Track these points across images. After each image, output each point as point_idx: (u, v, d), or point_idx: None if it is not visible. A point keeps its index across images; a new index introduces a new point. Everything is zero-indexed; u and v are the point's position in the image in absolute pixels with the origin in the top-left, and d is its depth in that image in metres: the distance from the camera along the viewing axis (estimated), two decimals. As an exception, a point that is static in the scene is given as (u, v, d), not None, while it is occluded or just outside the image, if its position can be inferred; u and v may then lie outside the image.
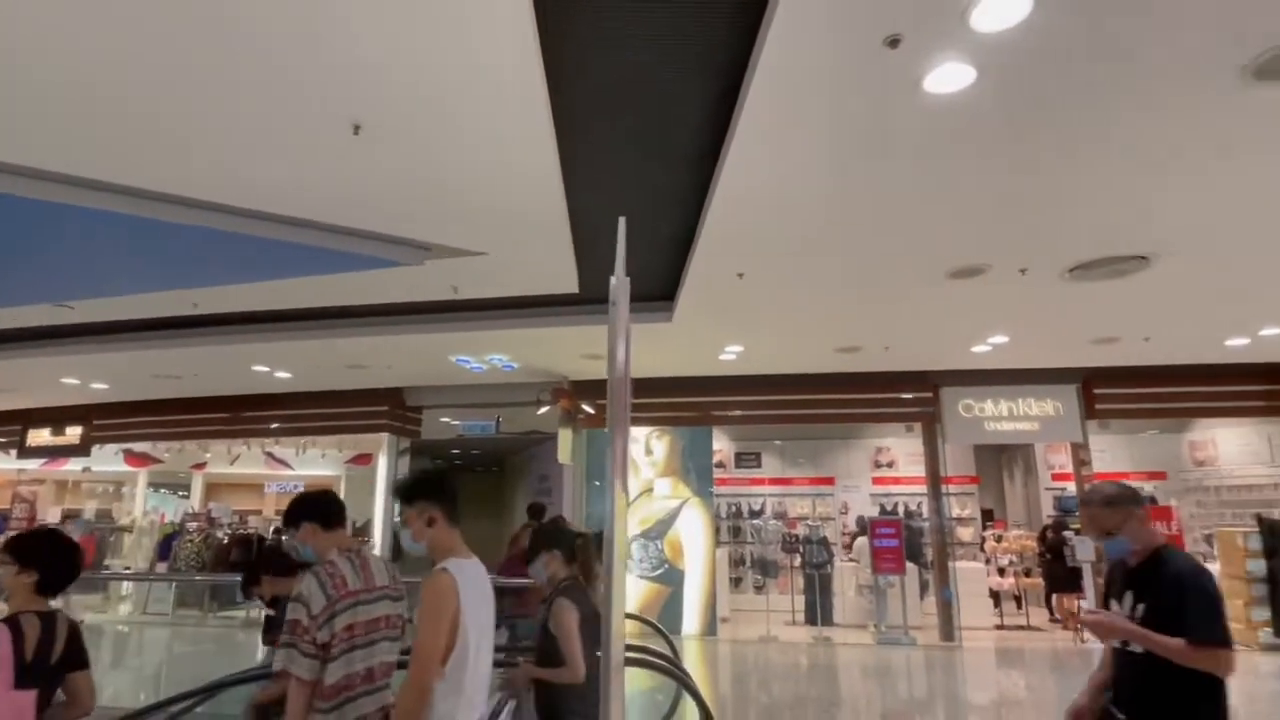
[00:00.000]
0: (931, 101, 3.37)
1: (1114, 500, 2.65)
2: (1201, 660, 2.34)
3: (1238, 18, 2.85)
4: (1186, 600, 2.39)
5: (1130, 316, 6.95)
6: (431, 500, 2.36)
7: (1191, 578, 2.44)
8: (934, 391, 9.60)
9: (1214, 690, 2.38)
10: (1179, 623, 2.37)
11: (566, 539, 3.16)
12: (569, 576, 3.04)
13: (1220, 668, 2.34)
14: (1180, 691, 2.39)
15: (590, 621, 2.89)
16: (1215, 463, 11.61)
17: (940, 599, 9.41)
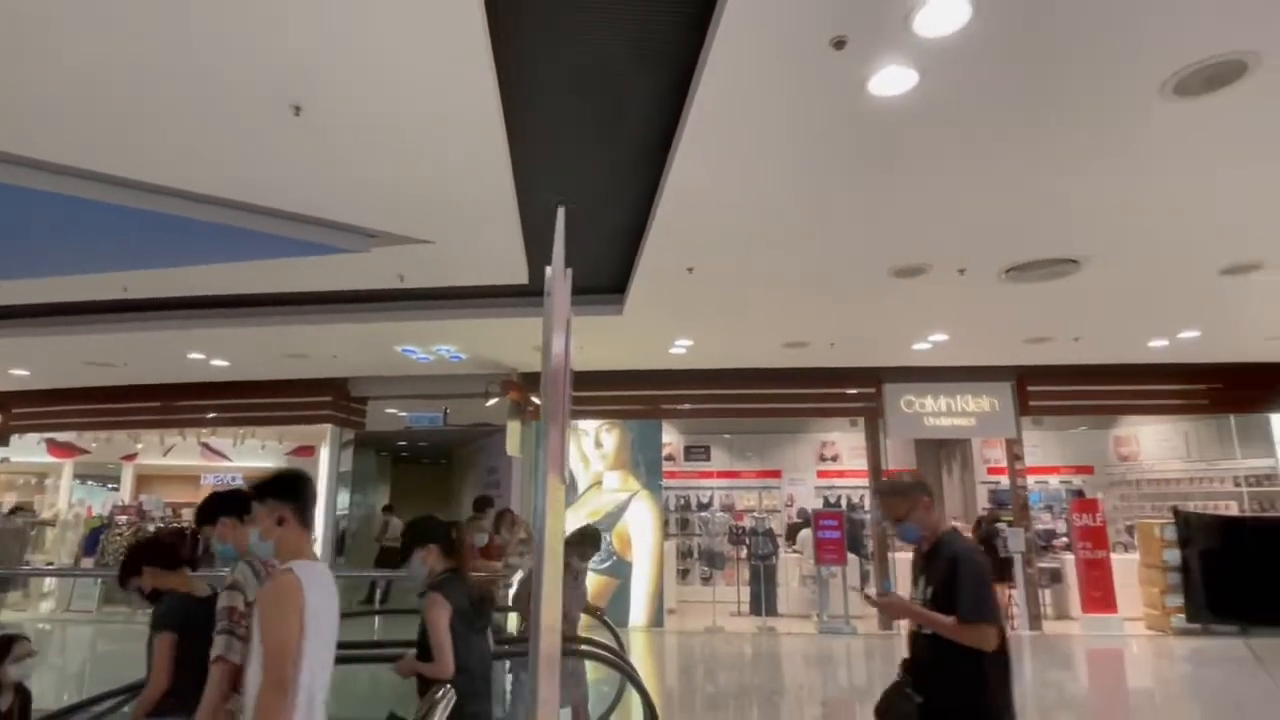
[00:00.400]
0: (876, 103, 3.45)
1: (902, 490, 2.83)
2: (968, 636, 2.50)
3: (1159, 37, 3.00)
4: (958, 581, 2.55)
5: (1061, 317, 7.25)
6: (283, 499, 2.31)
7: (964, 560, 2.60)
8: (877, 387, 9.85)
9: (996, 665, 2.53)
10: (952, 601, 2.53)
11: (440, 531, 3.12)
12: (447, 569, 3.00)
13: (984, 642, 2.50)
14: (962, 667, 2.53)
15: (468, 614, 2.88)
16: (1137, 458, 12.22)
17: (880, 589, 9.67)
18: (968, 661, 2.52)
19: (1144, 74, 3.26)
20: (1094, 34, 3.00)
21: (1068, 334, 7.88)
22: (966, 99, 3.45)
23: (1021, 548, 9.36)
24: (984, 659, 2.53)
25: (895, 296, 6.41)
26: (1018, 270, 5.72)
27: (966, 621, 2.51)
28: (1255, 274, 5.84)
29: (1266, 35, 3.00)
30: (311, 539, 2.39)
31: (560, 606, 2.01)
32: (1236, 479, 10.79)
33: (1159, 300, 6.68)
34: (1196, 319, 7.38)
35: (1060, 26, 2.95)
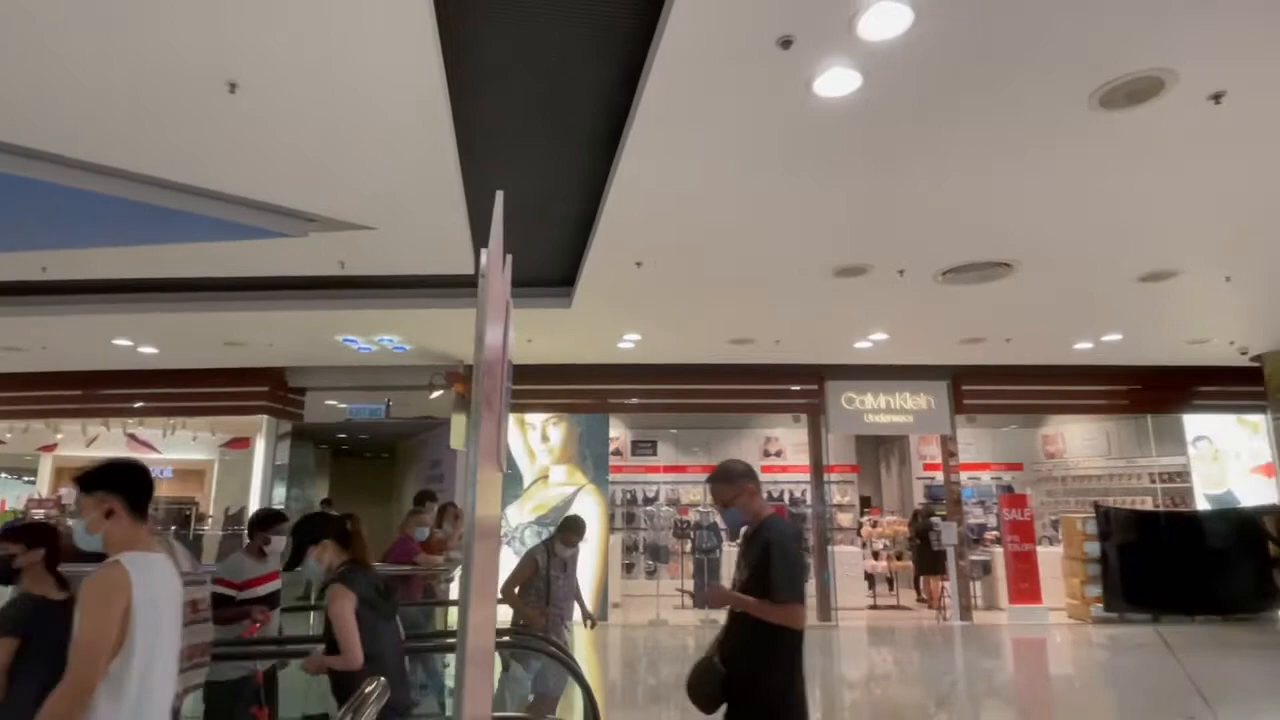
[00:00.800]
0: (821, 104, 3.52)
1: (730, 477, 2.94)
2: (780, 615, 2.64)
3: (1085, 51, 3.14)
4: (771, 563, 2.68)
5: (994, 319, 7.53)
6: (112, 490, 2.20)
7: (776, 544, 2.73)
8: (820, 384, 10.06)
9: (787, 641, 2.69)
10: (765, 583, 2.67)
11: (331, 526, 3.07)
12: (346, 561, 2.97)
13: (795, 621, 2.67)
14: (758, 643, 2.70)
15: (374, 602, 2.86)
16: (1063, 455, 12.80)
17: (819, 581, 9.89)
18: (769, 639, 2.67)
19: (1072, 86, 3.42)
20: (1027, 46, 3.13)
21: (1000, 335, 8.19)
22: (907, 103, 3.55)
23: (954, 541, 9.70)
24: (781, 637, 2.68)
25: (838, 295, 6.56)
26: (954, 272, 5.92)
27: (778, 601, 2.64)
28: (1171, 281, 6.18)
29: (1181, 55, 3.17)
30: (151, 530, 2.28)
31: (494, 601, 1.99)
32: (1152, 476, 11.41)
33: (1084, 304, 7.00)
34: (1118, 323, 7.77)
35: (996, 38, 3.07)
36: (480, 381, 0.87)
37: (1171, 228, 5.12)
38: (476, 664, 1.10)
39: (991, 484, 12.97)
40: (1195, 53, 3.16)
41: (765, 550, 2.73)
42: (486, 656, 1.30)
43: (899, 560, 11.23)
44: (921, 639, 8.87)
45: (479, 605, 1.07)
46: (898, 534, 11.31)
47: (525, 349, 8.78)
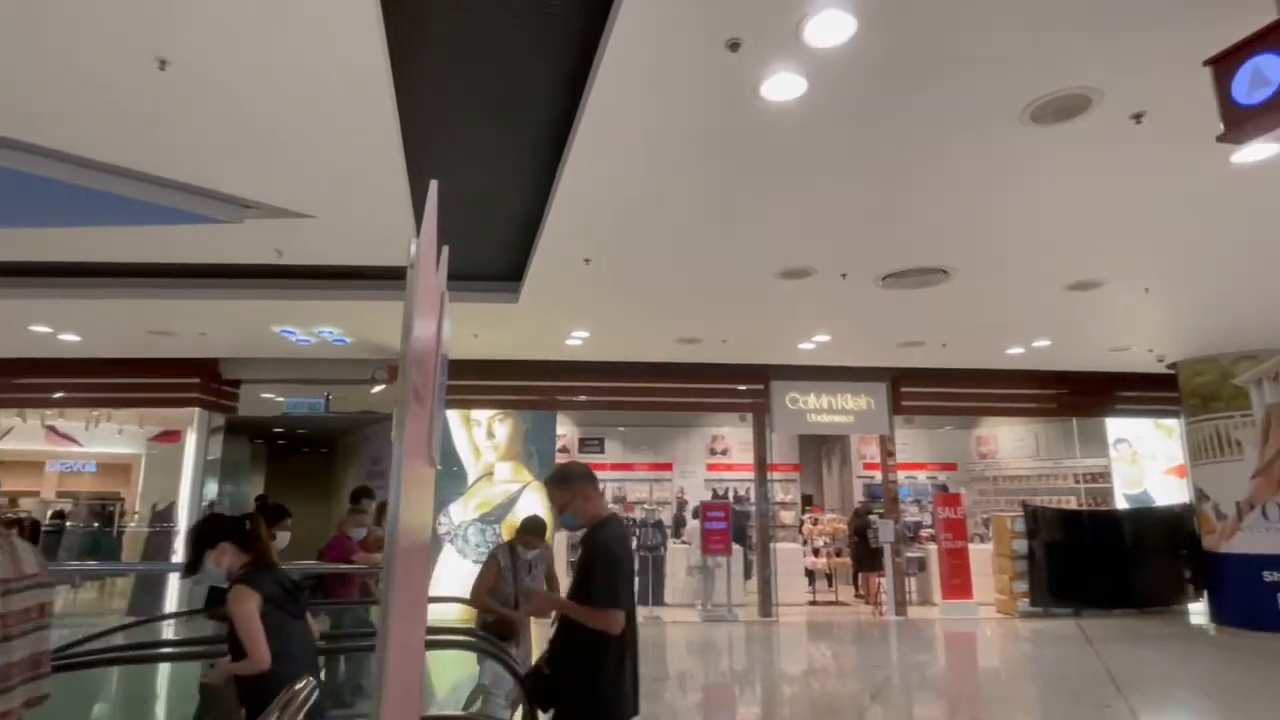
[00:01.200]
0: (768, 108, 3.57)
1: (565, 480, 2.94)
2: (597, 621, 2.67)
3: (1018, 67, 3.27)
4: (593, 568, 2.73)
5: (932, 323, 7.77)
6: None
7: (599, 550, 2.77)
8: (765, 384, 10.21)
9: (605, 646, 2.70)
10: (588, 588, 2.71)
11: (229, 527, 2.97)
12: (248, 563, 2.87)
13: (611, 626, 2.68)
14: (584, 648, 2.72)
15: (281, 600, 2.78)
16: (995, 456, 13.31)
17: (761, 578, 10.06)
18: (595, 644, 2.68)
19: (1006, 101, 3.55)
20: (964, 61, 3.24)
21: (937, 339, 8.46)
22: (850, 111, 3.63)
23: (891, 538, 9.98)
24: (606, 641, 2.68)
25: (783, 297, 6.67)
26: (894, 277, 6.08)
27: (596, 607, 2.66)
28: (1096, 291, 6.48)
29: (1105, 75, 3.33)
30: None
31: (423, 599, 1.95)
32: (1076, 476, 11.96)
33: (1016, 311, 7.29)
34: (1048, 329, 8.11)
35: (935, 51, 3.16)
36: (408, 374, 0.86)
37: (1097, 240, 5.37)
38: (404, 663, 1.08)
39: (927, 483, 13.40)
40: (1118, 74, 3.33)
41: (591, 556, 2.74)
42: (415, 655, 1.28)
43: (838, 557, 11.49)
44: (858, 633, 9.09)
45: (405, 602, 1.05)
46: (837, 531, 11.58)
47: (471, 344, 8.66)
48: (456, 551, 9.66)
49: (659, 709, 5.98)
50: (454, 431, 9.94)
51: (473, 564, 9.49)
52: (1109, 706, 5.67)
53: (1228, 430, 8.83)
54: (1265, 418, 8.62)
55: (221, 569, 2.85)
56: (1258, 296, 6.71)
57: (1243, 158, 4.09)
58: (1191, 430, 9.38)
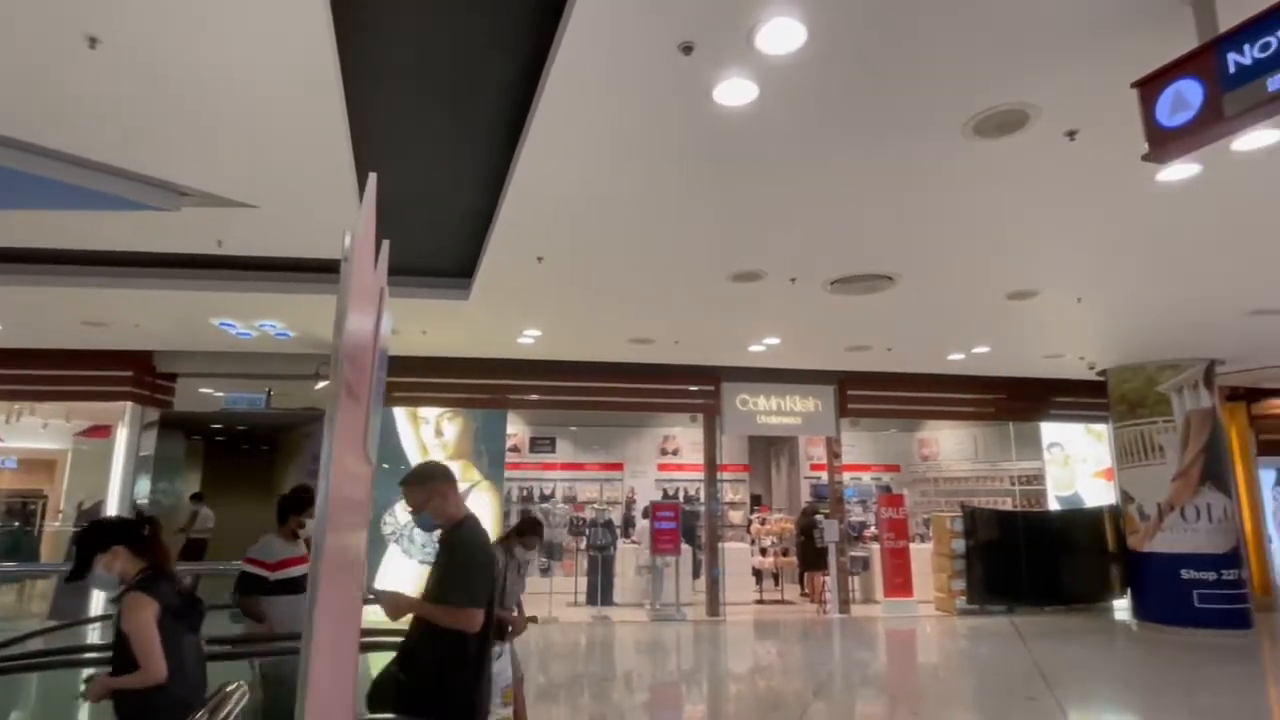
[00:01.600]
0: (720, 112, 3.61)
1: (420, 479, 2.92)
2: (453, 620, 2.67)
3: (961, 82, 3.37)
4: (451, 567, 2.74)
5: (878, 328, 7.96)
6: None
7: (456, 549, 2.77)
8: (716, 385, 10.31)
9: (462, 646, 2.71)
10: (445, 587, 2.71)
11: (124, 530, 2.81)
12: (145, 569, 2.72)
13: (469, 625, 2.69)
14: (439, 648, 2.72)
15: (178, 611, 2.65)
16: (936, 458, 13.70)
17: (709, 577, 10.15)
18: (450, 644, 2.66)
19: (949, 114, 3.66)
20: (909, 74, 3.33)
21: (883, 344, 8.67)
22: (801, 118, 3.70)
23: (836, 538, 10.19)
24: (463, 641, 2.68)
25: (734, 300, 6.74)
26: (841, 282, 6.21)
27: (451, 606, 2.65)
28: (1033, 300, 6.73)
29: (1042, 93, 3.47)
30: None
31: (357, 602, 1.90)
32: (1012, 478, 12.41)
33: (957, 318, 7.52)
34: (987, 336, 8.39)
35: (882, 63, 3.25)
36: (340, 369, 0.84)
37: (1034, 251, 5.58)
38: (331, 665, 1.06)
39: (871, 484, 13.72)
40: (1054, 93, 3.46)
41: (449, 555, 2.72)
42: (345, 658, 1.26)
43: (785, 556, 11.67)
44: (803, 632, 9.26)
45: (333, 603, 1.03)
46: (785, 531, 11.76)
47: (420, 341, 8.52)
48: (402, 552, 9.50)
49: (605, 709, 5.98)
50: (401, 429, 9.77)
51: (418, 564, 9.34)
52: (1034, 699, 5.91)
53: (1151, 435, 9.28)
54: (1185, 423, 9.09)
55: (113, 574, 2.68)
56: (1180, 309, 7.06)
57: (1167, 177, 4.31)
58: (1118, 435, 9.82)
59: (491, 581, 2.91)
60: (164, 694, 2.48)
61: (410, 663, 2.76)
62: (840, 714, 5.82)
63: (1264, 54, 2.58)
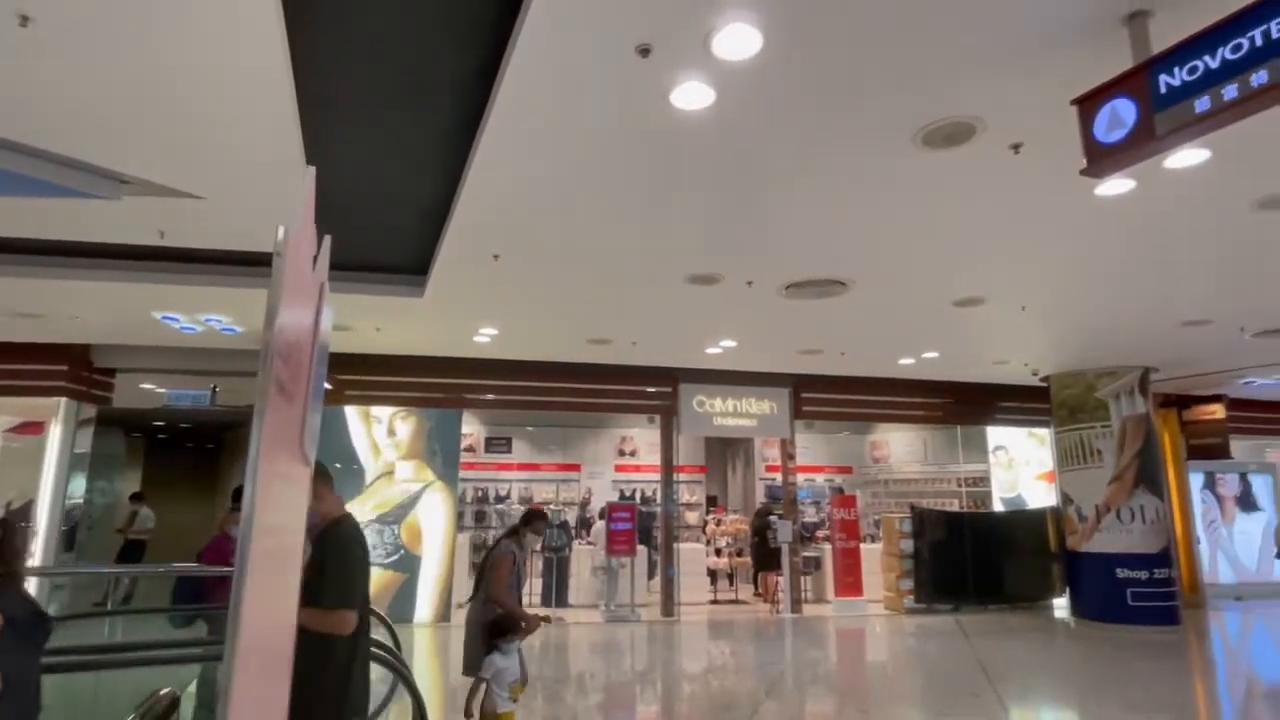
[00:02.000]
0: (678, 115, 3.63)
1: None
2: (326, 623, 2.63)
3: (910, 93, 3.46)
4: (325, 567, 2.71)
5: (831, 333, 8.10)
6: None
7: (333, 548, 2.75)
8: (674, 386, 10.36)
9: (334, 647, 2.68)
10: (318, 587, 2.66)
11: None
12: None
13: (339, 628, 2.67)
14: (310, 649, 2.60)
15: (24, 626, 2.46)
16: (888, 460, 13.98)
17: (664, 578, 10.19)
18: (321, 645, 2.62)
19: (900, 124, 3.75)
20: (864, 83, 3.40)
21: (836, 348, 8.82)
22: (757, 123, 3.74)
23: (789, 539, 10.33)
24: (334, 642, 2.66)
25: (692, 302, 6.79)
26: (796, 287, 6.31)
27: (326, 608, 2.62)
28: (980, 308, 6.93)
29: (989, 106, 3.57)
30: None
31: (290, 606, 1.81)
32: (959, 480, 12.74)
33: (908, 324, 7.70)
34: (936, 342, 8.61)
35: (835, 73, 3.31)
36: (269, 365, 0.82)
37: (980, 260, 5.74)
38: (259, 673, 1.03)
39: (825, 485, 13.94)
40: (1000, 107, 3.57)
41: (324, 554, 2.67)
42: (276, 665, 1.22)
43: (739, 557, 11.79)
44: (756, 631, 9.36)
45: (261, 608, 1.00)
46: (739, 532, 11.87)
47: (374, 338, 8.37)
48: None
49: (559, 710, 5.96)
50: (353, 428, 9.58)
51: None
52: (977, 696, 6.08)
53: (1090, 439, 9.64)
54: (1121, 429, 9.46)
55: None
56: (1118, 318, 7.35)
57: (1105, 191, 4.48)
58: (1059, 439, 10.17)
59: (367, 582, 2.84)
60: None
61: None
62: (791, 713, 5.90)
63: (1192, 77, 2.71)
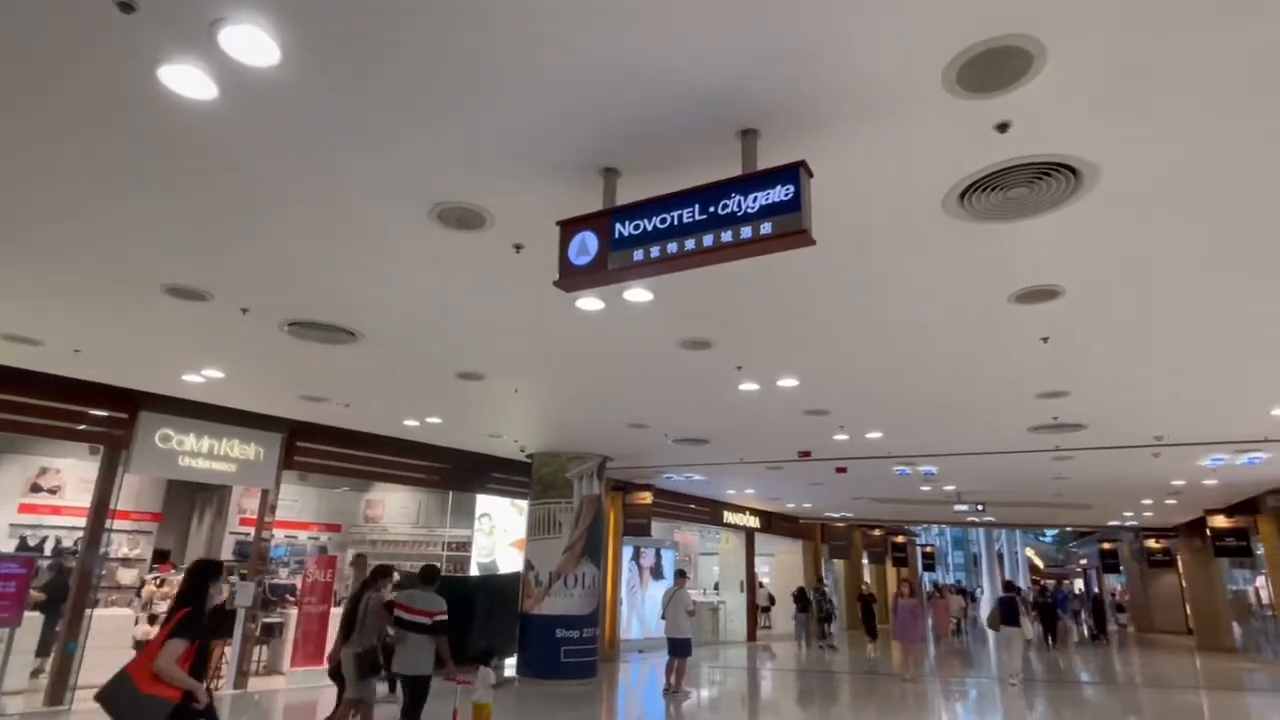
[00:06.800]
0: (170, 98, 3.11)
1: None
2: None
3: (429, 169, 3.60)
4: None
5: (337, 381, 7.71)
6: None
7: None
8: (132, 413, 8.52)
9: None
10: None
11: None
12: None
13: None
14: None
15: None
16: (380, 520, 13.72)
17: (61, 653, 7.95)
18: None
19: (417, 194, 3.85)
20: (382, 144, 3.40)
21: (340, 398, 8.43)
22: (268, 143, 3.42)
23: (249, 602, 9.16)
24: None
25: (168, 316, 5.74)
26: (300, 326, 5.87)
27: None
28: (480, 383, 7.44)
29: (497, 203, 3.93)
30: None
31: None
32: (446, 543, 13.19)
33: (414, 386, 7.80)
34: (440, 409, 8.92)
35: (363, 122, 3.25)
36: None
37: (483, 340, 6.18)
38: None
39: (308, 543, 12.93)
40: (507, 207, 3.96)
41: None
42: None
43: (181, 625, 9.94)
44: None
45: None
46: (188, 594, 10.06)
47: None
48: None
49: None
50: None
51: None
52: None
53: (555, 513, 11.02)
54: (579, 506, 11.07)
55: None
56: (587, 412, 8.70)
57: (584, 305, 5.31)
58: (533, 510, 11.39)
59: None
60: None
61: None
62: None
63: (635, 231, 3.42)
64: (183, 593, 3.92)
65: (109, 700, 3.58)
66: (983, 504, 17.08)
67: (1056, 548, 43.09)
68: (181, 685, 3.59)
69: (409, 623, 5.94)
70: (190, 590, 3.90)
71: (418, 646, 5.88)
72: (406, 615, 5.98)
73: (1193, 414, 7.94)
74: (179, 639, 3.66)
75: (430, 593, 6.12)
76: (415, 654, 5.88)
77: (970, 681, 12.47)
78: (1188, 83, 2.87)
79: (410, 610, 5.98)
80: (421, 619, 5.92)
